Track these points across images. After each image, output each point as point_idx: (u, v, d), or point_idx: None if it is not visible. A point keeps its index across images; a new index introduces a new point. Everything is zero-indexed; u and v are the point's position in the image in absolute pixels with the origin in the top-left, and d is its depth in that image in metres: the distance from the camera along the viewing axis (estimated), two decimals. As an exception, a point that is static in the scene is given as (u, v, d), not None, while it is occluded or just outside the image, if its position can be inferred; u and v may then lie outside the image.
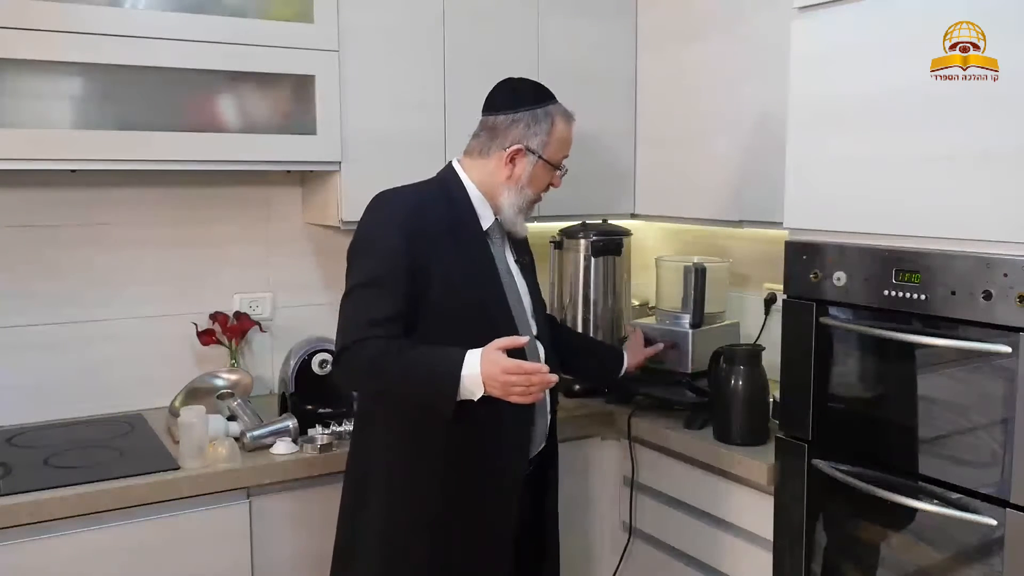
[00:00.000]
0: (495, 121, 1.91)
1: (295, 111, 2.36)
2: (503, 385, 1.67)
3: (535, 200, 1.96)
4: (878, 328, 1.83)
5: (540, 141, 1.90)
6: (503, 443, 1.86)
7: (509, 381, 1.67)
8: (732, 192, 2.51)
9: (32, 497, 1.88)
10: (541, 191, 1.96)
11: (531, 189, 1.92)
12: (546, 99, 1.93)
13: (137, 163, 2.16)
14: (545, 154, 1.90)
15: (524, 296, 1.95)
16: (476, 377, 1.69)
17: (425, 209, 1.83)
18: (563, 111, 1.94)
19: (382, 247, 1.79)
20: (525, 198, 1.92)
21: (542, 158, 1.90)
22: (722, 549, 2.27)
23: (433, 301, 1.78)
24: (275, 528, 2.14)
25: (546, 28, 2.68)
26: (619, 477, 2.58)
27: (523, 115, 1.90)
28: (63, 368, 2.43)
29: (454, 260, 1.81)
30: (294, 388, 2.34)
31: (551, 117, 1.91)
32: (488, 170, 1.91)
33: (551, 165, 1.93)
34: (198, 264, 2.59)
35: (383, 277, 1.76)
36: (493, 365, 1.68)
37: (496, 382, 1.67)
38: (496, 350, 1.69)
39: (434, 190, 1.91)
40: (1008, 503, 1.64)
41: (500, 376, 1.67)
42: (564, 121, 1.93)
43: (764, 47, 2.35)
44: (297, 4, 2.30)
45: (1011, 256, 1.61)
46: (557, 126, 1.92)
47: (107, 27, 2.07)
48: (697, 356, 2.45)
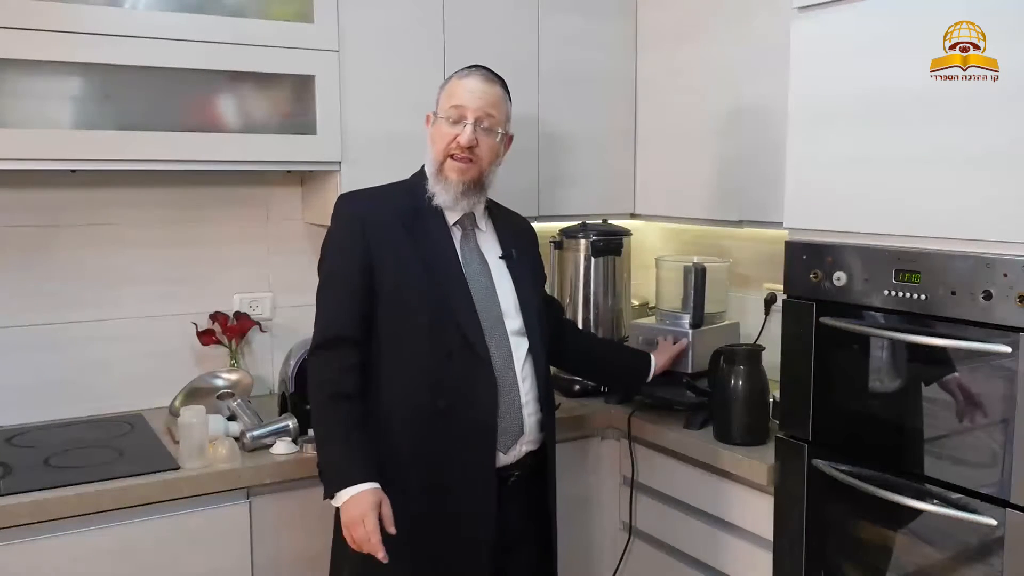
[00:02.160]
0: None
1: (295, 111, 2.36)
2: (351, 532, 1.73)
3: (443, 162, 1.89)
4: (878, 328, 1.83)
5: (438, 101, 1.93)
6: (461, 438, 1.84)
7: (352, 538, 1.73)
8: (732, 192, 2.51)
9: (32, 497, 1.88)
10: (445, 150, 1.89)
11: (435, 148, 1.91)
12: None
13: (137, 163, 2.16)
14: (439, 110, 1.91)
15: (503, 290, 1.93)
16: (344, 503, 1.74)
17: (382, 204, 1.90)
18: (462, 71, 1.93)
19: (337, 246, 1.89)
20: (432, 161, 1.91)
21: (437, 115, 1.92)
22: (722, 549, 2.27)
23: (387, 294, 1.83)
24: (275, 528, 2.14)
25: (546, 28, 2.68)
26: (619, 477, 2.58)
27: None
28: (63, 368, 2.43)
29: (409, 254, 1.85)
30: (294, 388, 2.34)
31: (451, 78, 1.94)
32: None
33: (441, 118, 1.90)
34: (198, 264, 2.59)
35: (337, 276, 1.87)
36: (359, 512, 1.71)
37: (349, 524, 1.72)
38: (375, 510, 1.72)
39: (398, 187, 1.96)
40: (1008, 503, 1.64)
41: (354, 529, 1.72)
42: (457, 75, 1.93)
43: (764, 47, 2.34)
44: (297, 4, 2.30)
45: (1011, 256, 1.61)
46: (450, 81, 1.93)
47: (107, 27, 2.07)
48: (697, 356, 2.45)
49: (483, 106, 1.88)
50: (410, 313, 1.83)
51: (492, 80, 1.92)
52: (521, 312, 1.94)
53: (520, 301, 1.95)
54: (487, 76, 1.92)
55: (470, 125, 1.87)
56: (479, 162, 1.89)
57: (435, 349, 1.83)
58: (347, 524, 1.73)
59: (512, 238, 2.01)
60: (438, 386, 1.82)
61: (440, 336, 1.83)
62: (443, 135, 1.89)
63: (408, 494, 1.81)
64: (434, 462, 1.84)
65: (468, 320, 1.85)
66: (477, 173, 1.90)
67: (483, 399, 1.84)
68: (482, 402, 1.84)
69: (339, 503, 1.75)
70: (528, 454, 1.93)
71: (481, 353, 1.84)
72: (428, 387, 1.82)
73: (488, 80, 1.91)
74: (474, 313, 1.86)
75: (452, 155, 1.88)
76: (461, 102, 1.88)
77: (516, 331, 1.92)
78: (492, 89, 1.90)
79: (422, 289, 1.84)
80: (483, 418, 1.85)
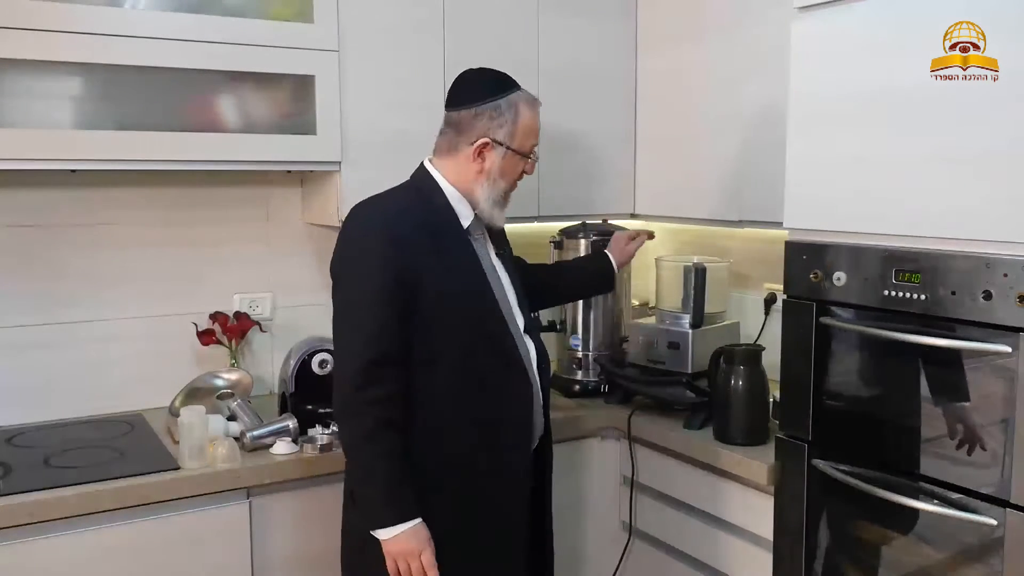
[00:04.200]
0: (459, 116, 1.87)
1: (295, 111, 2.36)
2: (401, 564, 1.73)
3: (510, 190, 1.92)
4: (878, 328, 1.83)
5: (506, 132, 1.85)
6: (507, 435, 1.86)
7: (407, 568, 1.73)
8: (732, 192, 2.51)
9: (32, 497, 1.88)
10: (515, 180, 1.92)
11: (504, 181, 1.88)
12: (508, 88, 1.87)
13: (137, 163, 2.16)
14: (513, 144, 1.86)
15: (508, 289, 1.94)
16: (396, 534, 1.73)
17: (404, 215, 1.81)
18: (527, 98, 1.89)
19: (368, 260, 1.76)
20: (499, 190, 1.88)
21: (511, 149, 1.86)
22: (722, 549, 2.26)
23: (424, 307, 1.76)
24: (275, 528, 2.14)
25: (546, 28, 2.68)
26: (619, 477, 2.58)
27: (485, 107, 1.85)
28: (63, 368, 2.43)
29: (440, 263, 1.79)
30: (294, 388, 2.34)
31: (515, 106, 1.86)
32: (459, 167, 1.88)
33: (520, 154, 1.89)
34: (198, 264, 2.59)
35: (373, 292, 1.74)
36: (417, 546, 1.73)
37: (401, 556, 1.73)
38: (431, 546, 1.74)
39: (411, 195, 1.88)
40: (1008, 503, 1.64)
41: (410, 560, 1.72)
42: (529, 108, 1.88)
43: (764, 47, 2.35)
44: (297, 4, 2.30)
45: (1011, 256, 1.61)
46: (522, 114, 1.86)
47: (107, 27, 2.07)
48: (697, 356, 2.45)
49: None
50: (446, 323, 1.79)
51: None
52: (522, 310, 1.95)
53: (518, 297, 1.96)
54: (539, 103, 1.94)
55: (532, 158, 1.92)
56: None
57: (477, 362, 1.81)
58: (401, 554, 1.73)
59: (493, 235, 1.99)
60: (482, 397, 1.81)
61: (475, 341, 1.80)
62: (519, 169, 1.91)
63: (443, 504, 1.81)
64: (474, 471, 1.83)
65: (501, 326, 1.85)
66: None
67: (521, 402, 1.86)
68: (521, 405, 1.85)
69: (389, 536, 1.73)
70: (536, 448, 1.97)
71: (515, 357, 1.86)
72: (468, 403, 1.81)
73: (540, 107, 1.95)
74: (501, 316, 1.87)
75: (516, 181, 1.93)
76: (537, 140, 1.92)
77: (523, 328, 1.93)
78: None
79: (456, 299, 1.80)
80: (522, 422, 1.87)
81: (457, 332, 1.79)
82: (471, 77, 1.92)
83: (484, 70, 1.93)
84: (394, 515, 1.73)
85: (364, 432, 1.73)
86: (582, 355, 2.73)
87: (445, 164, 1.89)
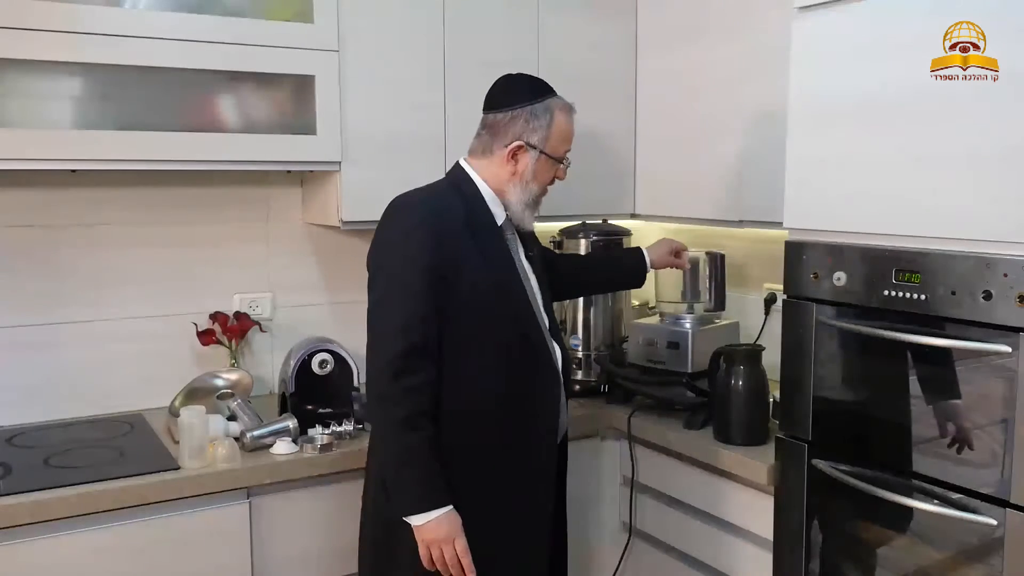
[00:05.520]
0: (495, 119, 1.92)
1: (295, 111, 2.36)
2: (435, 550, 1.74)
3: (541, 194, 1.96)
4: (878, 328, 1.83)
5: (541, 136, 1.89)
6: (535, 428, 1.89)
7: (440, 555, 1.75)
8: (732, 192, 2.51)
9: (32, 497, 1.88)
10: (547, 185, 1.96)
11: (536, 184, 1.92)
12: (544, 93, 1.92)
13: (137, 163, 2.16)
14: (547, 148, 1.90)
15: (536, 291, 1.97)
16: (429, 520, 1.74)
17: (443, 209, 1.84)
18: (562, 104, 1.93)
19: (410, 252, 1.78)
20: (531, 193, 1.92)
21: (544, 153, 1.90)
22: (722, 549, 2.27)
23: (462, 298, 1.79)
24: (275, 528, 2.14)
25: (546, 28, 2.68)
26: (619, 477, 2.58)
27: (521, 111, 1.89)
28: (63, 368, 2.42)
29: (477, 256, 1.82)
30: (294, 388, 2.34)
31: (550, 111, 1.90)
32: (493, 168, 1.91)
33: (554, 159, 1.92)
34: (198, 264, 2.58)
35: (413, 282, 1.76)
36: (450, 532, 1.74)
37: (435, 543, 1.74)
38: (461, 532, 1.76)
39: (447, 190, 1.91)
40: (1008, 503, 1.64)
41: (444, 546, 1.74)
42: (564, 114, 1.92)
43: (764, 47, 2.34)
44: (297, 4, 2.30)
45: (1011, 256, 1.61)
46: (557, 119, 1.91)
47: (107, 27, 2.07)
48: (697, 356, 2.45)
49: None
50: (481, 315, 1.81)
51: None
52: (547, 312, 1.98)
53: (544, 300, 1.98)
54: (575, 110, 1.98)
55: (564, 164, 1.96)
56: None
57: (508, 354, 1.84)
58: (435, 541, 1.75)
59: (523, 237, 2.01)
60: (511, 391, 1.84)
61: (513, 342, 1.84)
62: (551, 172, 1.95)
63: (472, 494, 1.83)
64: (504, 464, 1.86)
65: (532, 322, 1.89)
66: None
67: (551, 397, 1.89)
68: (550, 400, 1.87)
69: (423, 522, 1.74)
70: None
71: (544, 357, 1.89)
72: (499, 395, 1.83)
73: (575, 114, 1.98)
74: (532, 313, 1.90)
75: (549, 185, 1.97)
76: (570, 146, 1.96)
77: (549, 329, 1.96)
78: None
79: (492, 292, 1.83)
80: (551, 417, 1.90)
81: (491, 325, 1.82)
82: (509, 81, 1.96)
83: (522, 75, 1.98)
84: (429, 502, 1.74)
85: (399, 419, 1.74)
86: (582, 355, 2.73)
87: (480, 164, 1.93)
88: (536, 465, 1.91)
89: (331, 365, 2.34)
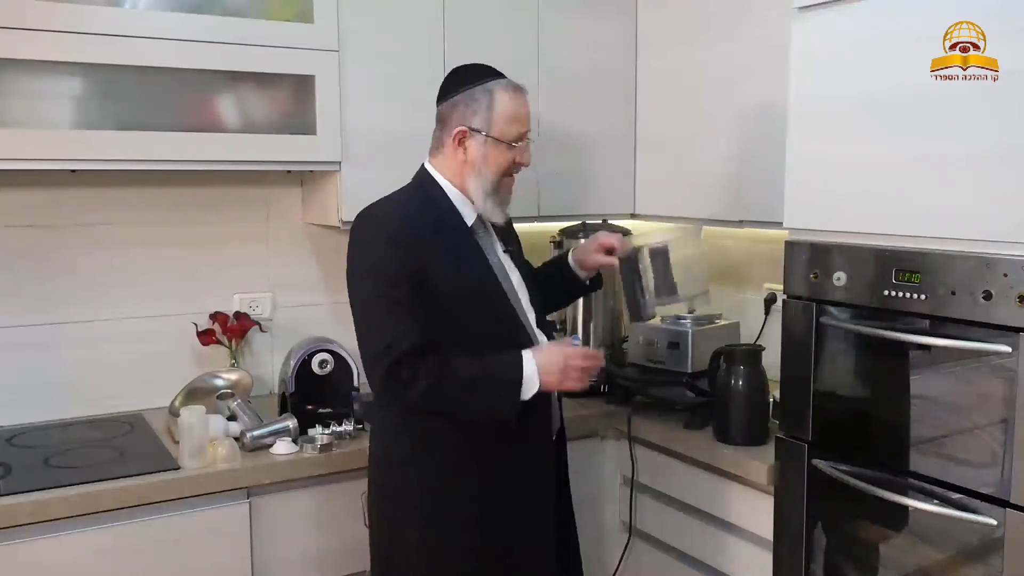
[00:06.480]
0: (441, 110, 1.90)
1: (295, 111, 2.36)
2: (563, 371, 1.76)
3: (499, 181, 1.88)
4: (878, 328, 1.83)
5: (483, 119, 1.83)
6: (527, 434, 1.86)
7: (572, 365, 1.76)
8: (732, 192, 2.51)
9: (32, 497, 1.88)
10: (505, 171, 1.88)
11: (490, 170, 1.85)
12: (485, 76, 1.86)
13: (137, 163, 2.16)
14: (493, 132, 1.83)
15: (518, 286, 1.94)
16: (533, 375, 1.75)
17: (409, 217, 1.82)
18: (506, 84, 1.86)
19: (379, 266, 1.78)
20: (487, 181, 1.86)
21: (491, 136, 1.84)
22: (722, 549, 2.26)
23: (436, 306, 1.77)
24: (275, 528, 2.14)
25: (546, 28, 2.68)
26: (619, 477, 2.58)
27: (460, 96, 1.85)
28: (63, 368, 2.42)
29: (446, 262, 1.80)
30: (294, 388, 2.34)
31: (489, 92, 1.84)
32: (448, 162, 1.88)
33: (503, 142, 1.85)
34: (198, 264, 2.58)
35: (385, 293, 1.75)
36: (555, 354, 1.77)
37: (555, 368, 1.75)
38: (557, 346, 1.80)
39: (414, 196, 1.89)
40: (1008, 503, 1.64)
41: (562, 362, 1.76)
42: (507, 93, 1.85)
43: (764, 47, 2.34)
44: (297, 4, 2.30)
45: (1011, 256, 1.61)
46: (498, 100, 1.84)
47: (107, 27, 2.07)
48: (697, 356, 2.45)
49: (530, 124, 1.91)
50: (459, 321, 1.80)
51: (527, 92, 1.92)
52: (534, 305, 1.96)
53: (529, 294, 1.96)
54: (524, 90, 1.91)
55: (530, 145, 1.90)
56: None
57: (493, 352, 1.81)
58: (562, 371, 1.76)
59: (501, 232, 1.99)
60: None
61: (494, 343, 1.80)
62: (504, 157, 1.86)
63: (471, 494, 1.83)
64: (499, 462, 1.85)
65: (512, 321, 1.87)
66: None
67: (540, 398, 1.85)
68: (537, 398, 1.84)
69: (531, 385, 1.74)
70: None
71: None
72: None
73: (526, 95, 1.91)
74: (514, 312, 1.88)
75: (508, 172, 1.89)
76: (525, 128, 1.88)
77: (534, 323, 1.94)
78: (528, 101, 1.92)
79: (467, 298, 1.81)
80: (542, 412, 1.88)
81: (469, 328, 1.80)
82: (455, 71, 1.94)
83: (469, 64, 1.94)
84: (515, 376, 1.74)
85: (419, 400, 1.74)
86: (582, 355, 2.72)
87: (438, 161, 1.91)
88: (531, 463, 1.89)
89: (331, 365, 2.35)
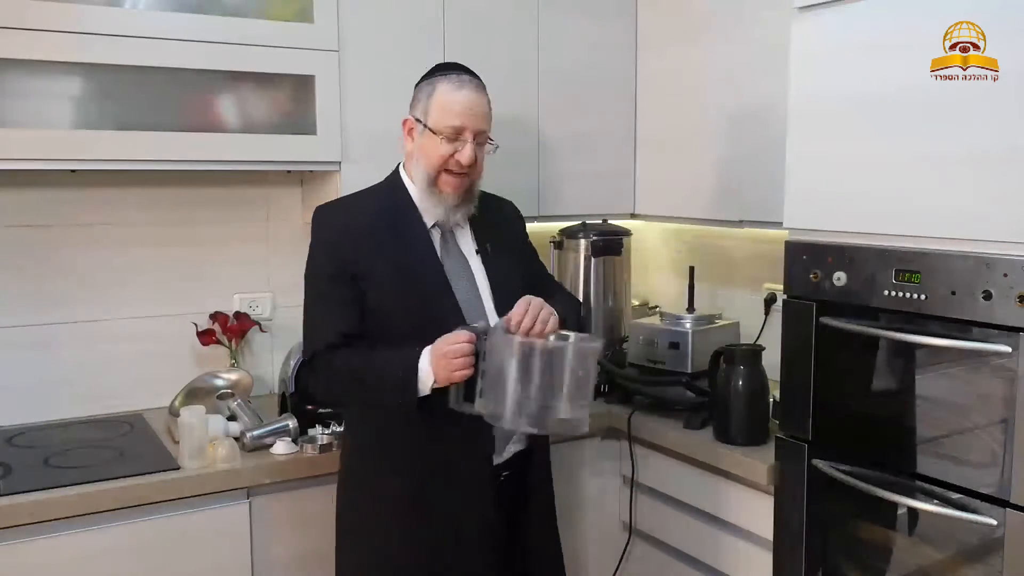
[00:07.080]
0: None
1: (295, 111, 2.36)
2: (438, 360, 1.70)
3: (436, 176, 1.84)
4: (878, 328, 1.83)
5: (422, 108, 1.85)
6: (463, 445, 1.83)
7: (440, 351, 1.70)
8: (732, 192, 2.51)
9: (32, 497, 1.88)
10: (440, 165, 1.83)
11: (424, 161, 1.84)
12: (436, 72, 1.89)
13: (137, 163, 2.16)
14: (428, 121, 1.83)
15: (481, 286, 1.89)
16: (427, 368, 1.73)
17: (357, 212, 1.88)
18: (453, 78, 1.85)
19: (318, 260, 1.86)
20: (422, 172, 1.84)
21: (427, 126, 1.84)
22: (722, 549, 2.26)
23: (372, 300, 1.81)
24: (275, 528, 2.14)
25: (546, 28, 2.67)
26: (619, 477, 2.58)
27: (417, 88, 1.91)
28: (63, 368, 2.42)
29: (389, 259, 1.82)
30: (294, 388, 2.34)
31: (433, 84, 1.86)
32: (407, 157, 1.91)
33: (434, 133, 1.82)
34: (198, 264, 2.59)
35: (322, 290, 1.84)
36: (438, 343, 1.72)
37: (436, 356, 1.71)
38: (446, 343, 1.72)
39: (374, 192, 1.94)
40: (1008, 503, 1.64)
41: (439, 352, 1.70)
42: (447, 85, 1.84)
43: (764, 47, 2.34)
44: (297, 4, 2.30)
45: (1011, 256, 1.61)
46: (438, 90, 1.84)
47: (107, 27, 2.07)
48: (697, 356, 2.45)
49: (479, 123, 1.84)
50: (394, 323, 1.81)
51: (481, 89, 1.86)
52: (498, 307, 1.88)
53: (496, 298, 1.89)
54: (478, 86, 1.86)
55: (470, 144, 1.82)
56: (472, 175, 1.87)
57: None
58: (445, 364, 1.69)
59: (492, 228, 1.96)
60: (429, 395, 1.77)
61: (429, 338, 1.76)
62: (438, 151, 1.82)
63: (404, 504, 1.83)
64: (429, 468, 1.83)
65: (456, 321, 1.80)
66: (469, 184, 1.87)
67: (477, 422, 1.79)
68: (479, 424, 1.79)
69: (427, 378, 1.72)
70: (517, 455, 1.91)
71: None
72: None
73: (479, 90, 1.86)
74: (459, 313, 1.83)
75: (448, 169, 1.84)
76: (461, 122, 1.81)
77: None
78: (483, 100, 1.86)
79: (405, 300, 1.81)
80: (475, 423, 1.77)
81: (405, 321, 1.80)
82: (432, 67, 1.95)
83: (447, 62, 1.97)
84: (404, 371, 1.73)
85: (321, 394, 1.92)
86: (582, 355, 2.73)
87: (407, 158, 1.94)
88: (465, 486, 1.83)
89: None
